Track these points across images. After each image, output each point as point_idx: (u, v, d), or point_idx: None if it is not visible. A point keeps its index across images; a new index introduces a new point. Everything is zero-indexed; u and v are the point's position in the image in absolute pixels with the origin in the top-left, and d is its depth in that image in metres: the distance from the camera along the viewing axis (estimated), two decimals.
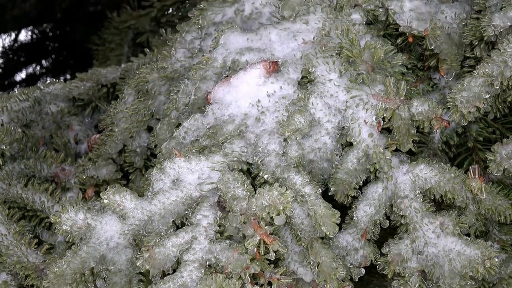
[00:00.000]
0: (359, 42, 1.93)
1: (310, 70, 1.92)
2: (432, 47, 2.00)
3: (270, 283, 1.74)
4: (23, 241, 2.15)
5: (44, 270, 2.11)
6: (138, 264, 1.73)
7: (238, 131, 1.89)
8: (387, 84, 1.87)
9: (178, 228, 1.81)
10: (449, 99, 1.84)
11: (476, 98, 1.81)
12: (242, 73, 1.95)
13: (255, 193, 1.72)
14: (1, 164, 2.32)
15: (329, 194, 1.87)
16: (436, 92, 2.06)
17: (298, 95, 1.90)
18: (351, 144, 1.87)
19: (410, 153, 1.93)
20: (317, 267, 1.74)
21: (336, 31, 1.98)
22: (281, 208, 1.68)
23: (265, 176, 1.82)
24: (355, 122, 1.86)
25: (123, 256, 1.79)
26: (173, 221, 1.81)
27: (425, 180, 1.85)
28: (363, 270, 1.86)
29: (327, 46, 1.95)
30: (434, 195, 1.86)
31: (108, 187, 1.80)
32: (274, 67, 1.95)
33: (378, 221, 1.87)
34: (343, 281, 1.75)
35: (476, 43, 2.00)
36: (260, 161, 1.83)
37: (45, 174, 2.40)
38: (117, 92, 2.68)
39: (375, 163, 1.84)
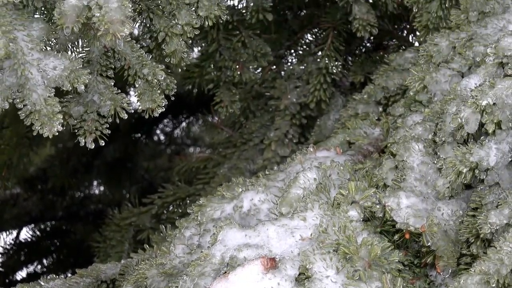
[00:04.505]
0: (356, 239, 1.94)
1: (307, 266, 1.92)
2: (429, 244, 2.00)
3: None
4: None
5: None
6: None
7: None
8: (384, 281, 1.86)
9: None
10: None
11: None
12: (240, 270, 1.95)
13: None
14: None
15: None
16: None
17: None
18: None
19: None
20: None
21: (333, 228, 2.00)
22: None
23: None
24: None
25: None
26: None
27: None
28: None
29: (324, 243, 1.96)
30: None
31: None
32: (272, 264, 1.95)
33: None
34: None
35: (473, 240, 2.00)
36: None
37: None
38: None
39: None
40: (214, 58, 3.60)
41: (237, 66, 3.53)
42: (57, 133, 2.01)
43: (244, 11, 3.61)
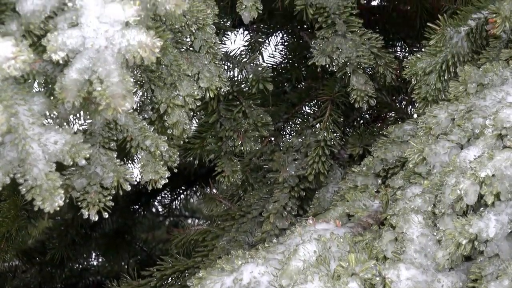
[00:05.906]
0: None
1: None
2: None
3: None
4: None
5: None
6: None
7: None
8: None
9: None
10: None
11: None
12: None
13: None
14: None
15: None
16: None
17: None
18: None
19: None
20: None
21: None
22: None
23: None
24: None
25: None
26: None
27: None
28: None
29: None
30: None
31: None
32: None
33: None
34: None
35: None
36: None
37: None
38: None
39: None
40: (215, 128, 3.61)
41: (238, 136, 3.55)
42: (58, 208, 2.00)
43: (243, 82, 3.64)
